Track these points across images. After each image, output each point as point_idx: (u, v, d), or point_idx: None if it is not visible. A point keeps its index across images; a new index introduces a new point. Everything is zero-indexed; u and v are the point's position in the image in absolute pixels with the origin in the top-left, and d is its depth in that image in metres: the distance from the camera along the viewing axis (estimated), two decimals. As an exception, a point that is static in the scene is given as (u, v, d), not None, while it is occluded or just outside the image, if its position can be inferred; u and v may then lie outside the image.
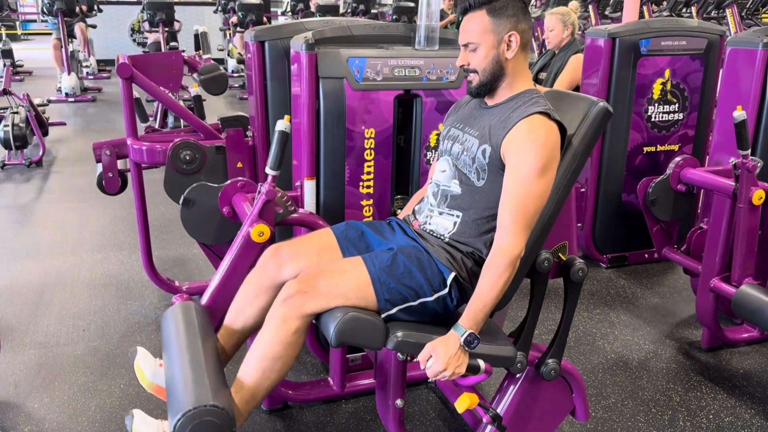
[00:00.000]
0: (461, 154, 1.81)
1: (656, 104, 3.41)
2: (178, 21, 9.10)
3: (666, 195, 3.00)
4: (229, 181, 2.27)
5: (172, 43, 8.67)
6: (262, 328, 1.73)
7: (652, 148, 3.48)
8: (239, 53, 9.56)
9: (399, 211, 2.38)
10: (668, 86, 3.40)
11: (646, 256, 3.61)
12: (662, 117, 3.44)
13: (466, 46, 1.77)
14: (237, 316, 1.86)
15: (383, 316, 1.70)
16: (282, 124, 1.91)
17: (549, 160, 1.65)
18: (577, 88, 3.62)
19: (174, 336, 1.78)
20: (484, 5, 1.72)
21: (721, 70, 3.14)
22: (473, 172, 1.78)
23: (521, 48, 1.74)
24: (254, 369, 1.70)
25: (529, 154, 1.65)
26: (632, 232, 3.54)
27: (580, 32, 3.94)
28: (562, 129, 1.71)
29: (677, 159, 2.96)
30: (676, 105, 3.45)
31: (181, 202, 2.37)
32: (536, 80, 4.13)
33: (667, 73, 3.37)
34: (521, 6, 1.74)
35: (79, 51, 9.00)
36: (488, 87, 1.78)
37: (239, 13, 8.62)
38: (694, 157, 3.03)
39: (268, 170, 1.95)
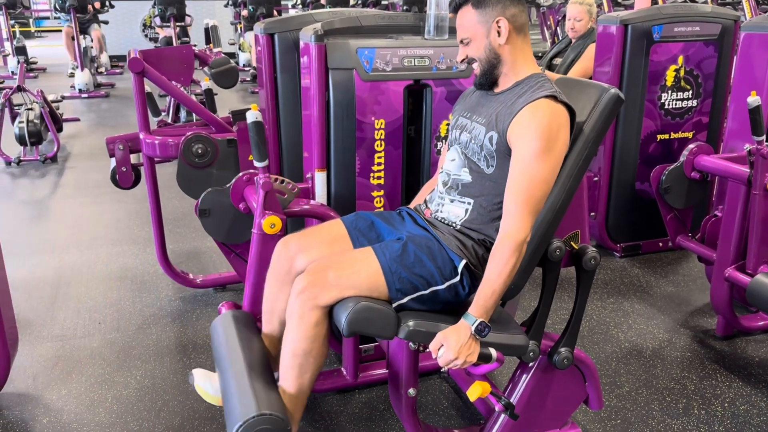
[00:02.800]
0: (469, 143, 1.80)
1: (669, 91, 3.37)
2: (189, 15, 9.13)
3: (679, 183, 2.98)
4: (234, 179, 2.28)
5: (184, 38, 8.70)
6: (286, 327, 1.76)
7: (666, 136, 3.45)
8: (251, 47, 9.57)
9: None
10: (682, 73, 3.36)
11: (660, 244, 3.59)
12: (676, 104, 3.41)
13: (462, 41, 1.80)
14: (271, 314, 1.91)
15: (395, 305, 1.71)
16: (252, 115, 1.93)
17: (553, 143, 1.64)
18: (591, 78, 3.59)
19: (223, 347, 1.87)
20: (469, 0, 1.75)
21: (735, 56, 3.10)
22: (482, 159, 1.77)
23: (515, 32, 1.74)
24: (290, 369, 1.74)
25: (533, 138, 1.64)
26: (646, 221, 3.51)
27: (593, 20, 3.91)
28: (571, 111, 1.70)
29: (691, 146, 2.94)
30: (690, 92, 3.41)
31: (198, 214, 2.40)
32: (549, 67, 4.10)
33: (680, 59, 3.34)
34: None
35: (92, 48, 9.05)
36: (489, 76, 1.79)
37: (250, 7, 8.63)
38: (708, 144, 3.00)
39: (256, 163, 1.98)
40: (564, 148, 1.68)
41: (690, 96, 3.42)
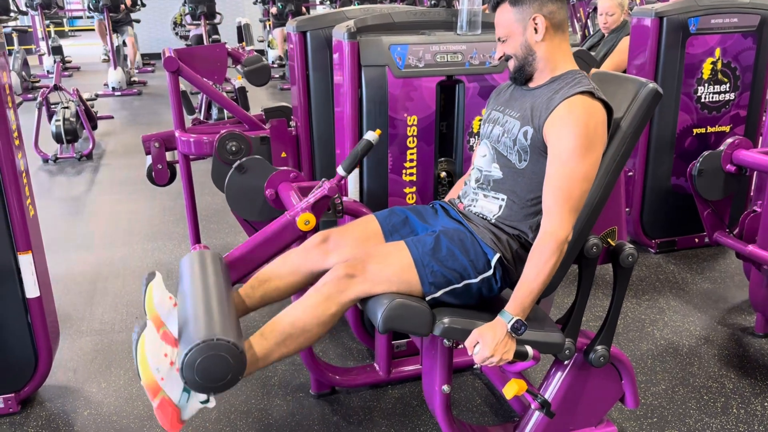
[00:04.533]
0: (501, 137, 1.80)
1: (706, 84, 3.31)
2: (219, 13, 9.22)
3: (714, 169, 2.91)
4: (283, 168, 2.30)
5: (214, 36, 8.78)
6: (302, 298, 1.72)
7: (702, 130, 3.38)
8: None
9: (443, 174, 2.37)
10: (719, 65, 3.30)
11: (696, 240, 3.53)
12: (713, 97, 3.34)
13: (499, 39, 1.80)
14: (263, 282, 1.86)
15: (428, 299, 1.71)
16: (371, 135, 1.98)
17: (592, 140, 1.63)
18: (624, 71, 3.54)
19: (193, 276, 1.76)
20: None
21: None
22: (514, 154, 1.76)
23: (553, 29, 1.73)
24: (280, 332, 1.68)
25: (571, 135, 1.63)
26: (682, 216, 3.46)
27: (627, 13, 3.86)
28: (609, 108, 1.68)
29: (729, 140, 2.87)
30: (728, 84, 3.34)
31: (235, 165, 2.39)
32: (581, 61, 4.06)
33: (717, 51, 3.27)
34: None
35: (124, 47, 9.19)
36: (524, 72, 1.78)
37: (278, 4, 8.68)
38: (747, 138, 2.94)
39: (339, 170, 2.01)
40: (602, 144, 1.67)
41: (727, 89, 3.35)
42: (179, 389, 1.54)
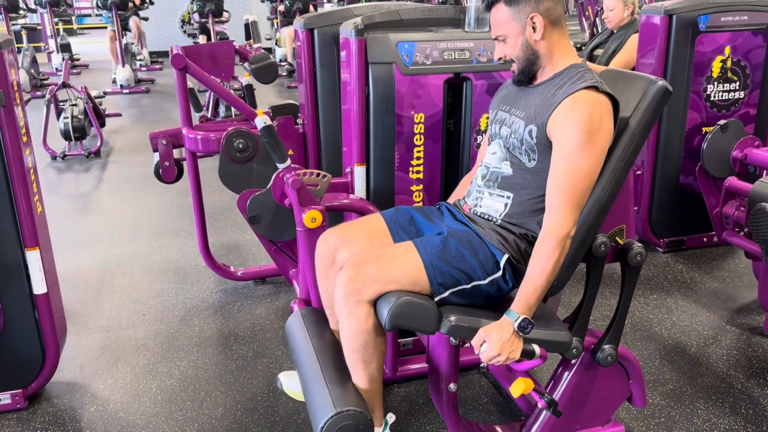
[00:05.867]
0: (509, 137, 1.79)
1: (716, 82, 3.29)
2: (226, 11, 9.23)
3: (723, 145, 2.91)
4: (273, 178, 2.29)
5: (218, 28, 8.77)
6: (339, 324, 1.78)
7: (711, 128, 3.36)
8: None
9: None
10: (728, 63, 3.27)
11: (705, 239, 3.51)
12: (722, 96, 3.32)
13: (497, 38, 1.78)
14: (332, 308, 1.95)
15: (436, 299, 1.71)
16: (261, 120, 2.02)
17: (596, 135, 1.61)
18: (633, 69, 3.52)
19: (298, 345, 1.94)
20: None
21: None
22: (523, 153, 1.75)
23: (551, 26, 1.71)
24: (354, 363, 1.77)
25: (574, 130, 1.61)
26: (690, 215, 3.44)
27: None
28: (614, 101, 1.67)
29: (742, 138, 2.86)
30: (737, 83, 3.32)
31: (249, 222, 2.45)
32: (590, 58, 4.04)
33: (727, 50, 3.24)
34: None
35: (132, 44, 9.22)
36: (528, 72, 1.77)
37: (286, 2, 8.68)
38: (756, 137, 2.92)
39: (279, 165, 2.04)
40: (607, 139, 1.65)
41: (737, 87, 3.33)
42: None
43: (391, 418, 1.86)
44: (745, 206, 2.42)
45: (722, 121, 2.57)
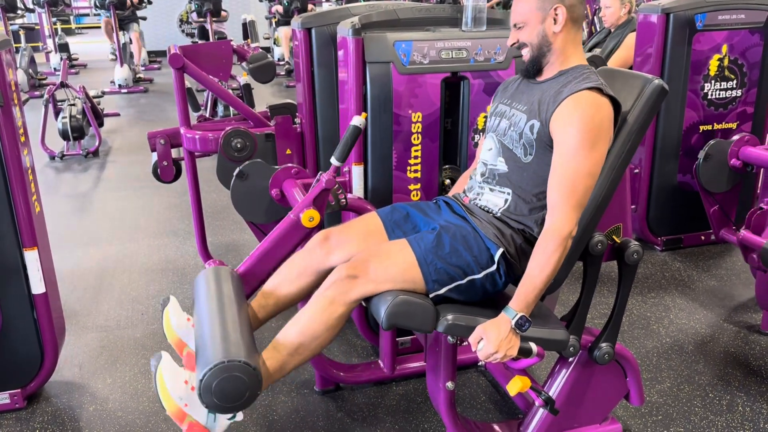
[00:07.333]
0: (508, 130, 1.79)
1: (713, 81, 3.29)
2: (225, 11, 9.22)
3: (720, 158, 2.90)
4: (284, 166, 2.30)
5: (215, 26, 8.76)
6: (308, 305, 1.73)
7: (709, 127, 3.37)
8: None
9: (447, 181, 2.37)
10: (726, 62, 3.28)
11: (702, 238, 3.52)
12: (719, 94, 3.33)
13: (515, 25, 1.78)
14: (274, 290, 1.88)
15: (432, 296, 1.71)
16: (357, 120, 1.94)
17: (597, 136, 1.62)
18: (631, 67, 3.53)
19: (208, 295, 1.79)
20: None
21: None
22: (520, 147, 1.76)
23: (571, 22, 1.73)
24: (291, 342, 1.70)
25: (576, 130, 1.62)
26: (688, 214, 3.44)
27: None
28: (616, 104, 1.68)
29: (737, 136, 2.86)
30: (734, 81, 3.33)
31: (235, 173, 2.40)
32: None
33: (724, 48, 3.25)
34: None
35: (130, 44, 9.21)
36: (537, 62, 1.77)
37: (284, 1, 8.68)
38: (754, 135, 2.92)
39: (333, 160, 1.98)
40: (608, 141, 1.66)
41: (734, 86, 3.33)
42: (204, 411, 1.58)
43: (239, 416, 1.67)
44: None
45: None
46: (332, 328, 1.71)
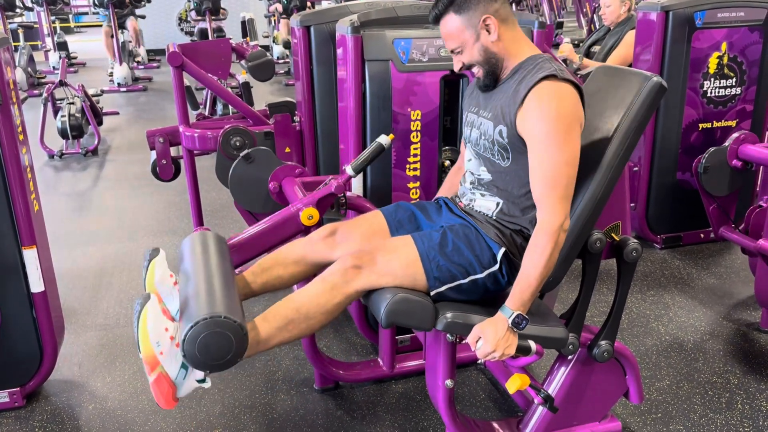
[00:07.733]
0: (480, 139, 1.79)
1: (712, 79, 3.29)
2: (224, 9, 9.21)
3: (720, 165, 2.90)
4: (290, 164, 2.31)
5: (216, 26, 8.75)
6: (308, 285, 1.72)
7: (708, 125, 3.37)
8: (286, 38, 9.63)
9: (447, 162, 2.36)
10: (725, 60, 3.28)
11: (702, 236, 3.52)
12: (719, 92, 3.33)
13: (453, 51, 1.75)
14: (265, 270, 1.86)
15: (432, 293, 1.71)
16: (384, 139, 1.97)
17: (567, 124, 1.61)
18: (630, 65, 3.53)
19: (197, 254, 1.76)
20: (449, 7, 1.70)
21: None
22: (496, 154, 1.75)
23: (503, 24, 1.70)
24: (283, 316, 1.67)
25: (543, 124, 1.61)
26: (687, 212, 3.44)
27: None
28: (577, 87, 1.65)
29: (735, 135, 2.86)
30: (734, 79, 3.32)
31: (242, 154, 2.39)
32: (587, 55, 4.05)
33: (723, 46, 3.25)
34: None
35: (130, 42, 9.21)
36: (493, 74, 1.74)
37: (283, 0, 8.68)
38: (753, 133, 2.92)
39: (348, 170, 2.00)
40: (579, 125, 1.64)
41: (733, 83, 3.33)
42: (177, 365, 1.53)
43: (208, 382, 1.61)
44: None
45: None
46: (327, 313, 1.69)
